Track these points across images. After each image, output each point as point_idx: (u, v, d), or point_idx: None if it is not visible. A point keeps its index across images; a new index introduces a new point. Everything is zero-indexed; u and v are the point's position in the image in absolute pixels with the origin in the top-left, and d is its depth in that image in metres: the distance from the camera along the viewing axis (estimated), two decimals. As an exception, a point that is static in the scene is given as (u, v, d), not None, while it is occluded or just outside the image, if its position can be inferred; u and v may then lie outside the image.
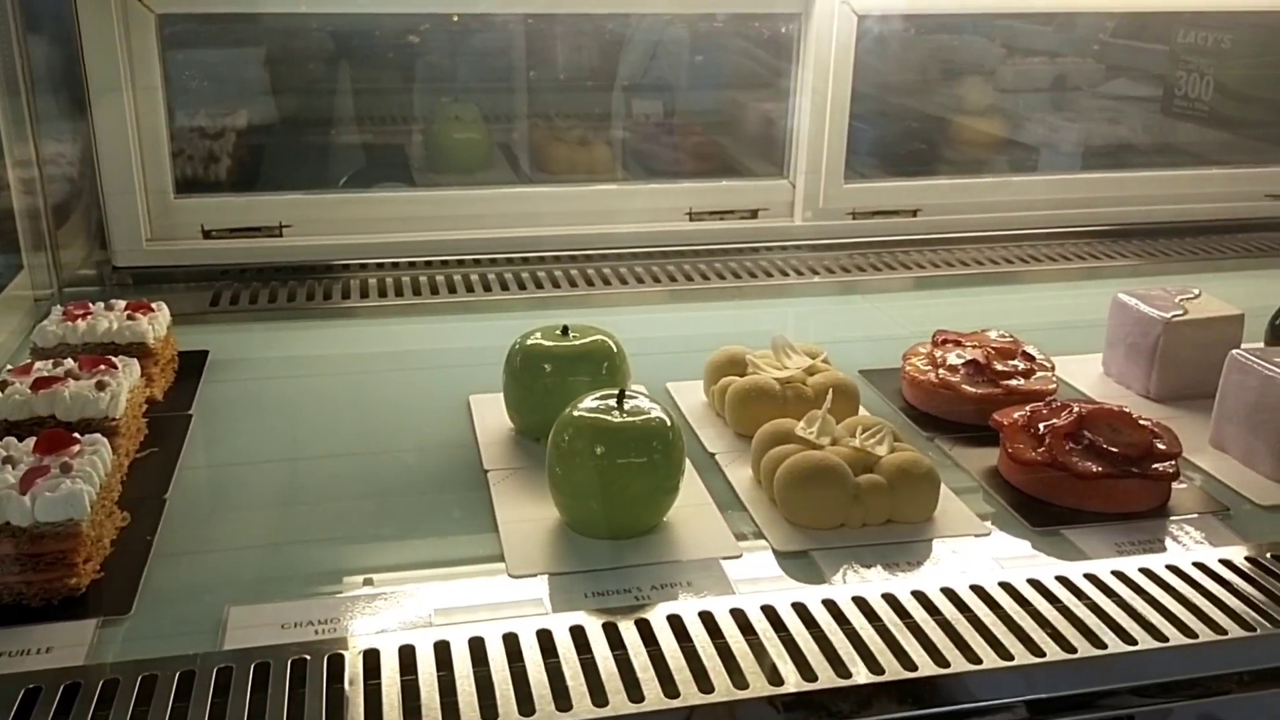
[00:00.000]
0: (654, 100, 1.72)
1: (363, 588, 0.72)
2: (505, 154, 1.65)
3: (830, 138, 1.35)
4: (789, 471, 0.78)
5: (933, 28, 1.71)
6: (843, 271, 1.32)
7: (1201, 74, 1.62)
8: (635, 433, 0.75)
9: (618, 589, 0.71)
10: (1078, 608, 0.67)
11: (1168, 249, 1.44)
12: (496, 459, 0.87)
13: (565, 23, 1.62)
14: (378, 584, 0.72)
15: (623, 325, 1.20)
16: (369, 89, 1.66)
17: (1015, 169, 1.65)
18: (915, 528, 0.79)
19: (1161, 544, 0.77)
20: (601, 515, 0.76)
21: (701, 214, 1.38)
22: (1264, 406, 0.85)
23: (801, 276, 1.31)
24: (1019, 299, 1.31)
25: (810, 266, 1.33)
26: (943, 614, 0.67)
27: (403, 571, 0.74)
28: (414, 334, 1.18)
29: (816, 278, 1.31)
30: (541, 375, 0.89)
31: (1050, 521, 0.80)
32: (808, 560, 0.75)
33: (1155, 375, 0.98)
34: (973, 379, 0.96)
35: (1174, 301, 1.00)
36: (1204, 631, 0.65)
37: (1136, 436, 0.83)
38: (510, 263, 1.32)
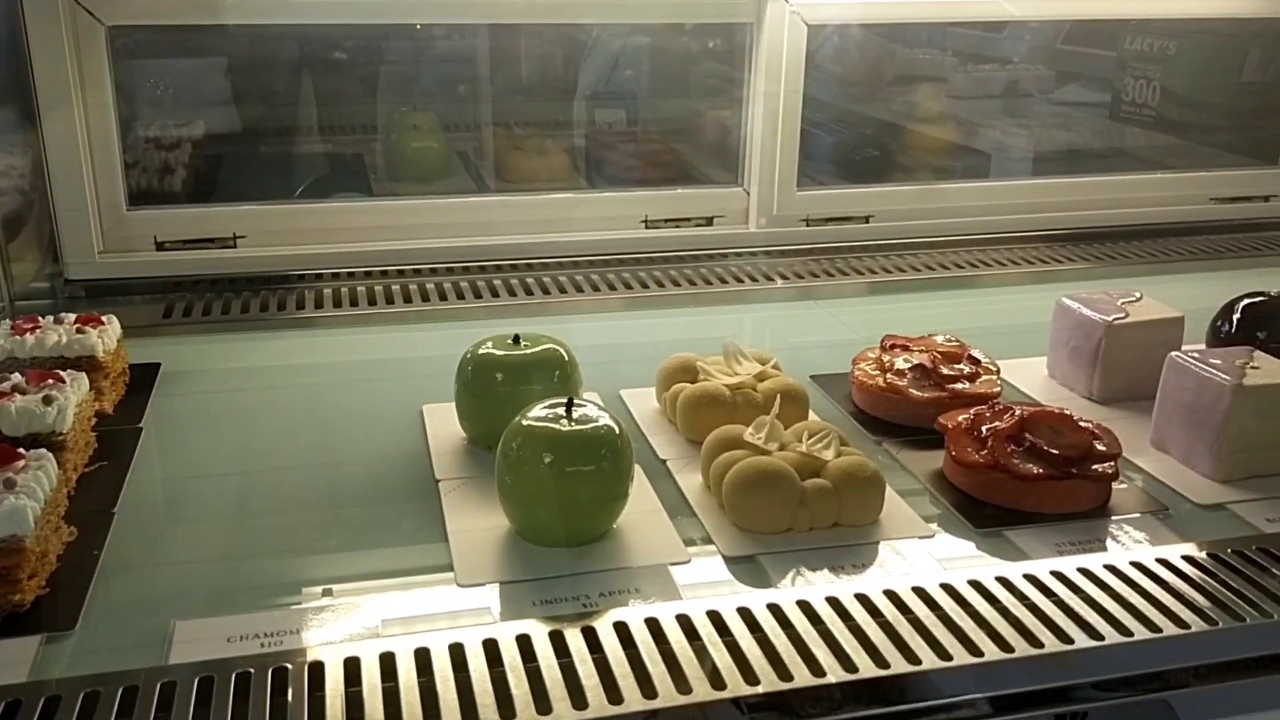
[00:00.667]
0: (613, 109, 1.73)
1: (311, 600, 0.72)
2: (464, 163, 1.65)
3: (783, 146, 1.36)
4: (736, 477, 0.79)
5: (887, 36, 1.74)
6: (796, 278, 1.33)
7: (1148, 80, 1.65)
8: (583, 441, 0.76)
9: (566, 597, 0.72)
10: (1016, 608, 0.69)
11: (1116, 252, 1.46)
12: (448, 468, 0.88)
13: (524, 32, 1.62)
14: (326, 596, 0.72)
15: (579, 333, 1.22)
16: (327, 98, 1.66)
17: (968, 175, 1.67)
18: (861, 530, 0.80)
19: (1101, 544, 0.79)
20: (551, 523, 0.77)
21: (657, 222, 1.39)
22: (1201, 407, 0.87)
23: (756, 283, 1.32)
24: (970, 303, 1.33)
25: (764, 273, 1.34)
26: (885, 616, 0.68)
27: (351, 583, 0.74)
28: (369, 344, 1.18)
29: (771, 284, 1.32)
30: (493, 384, 0.89)
31: (993, 523, 0.82)
32: (755, 565, 0.76)
33: (1097, 377, 1.00)
34: (919, 383, 0.97)
35: (1116, 305, 1.02)
36: (1139, 630, 0.67)
37: (1077, 438, 0.84)
38: (467, 271, 1.32)
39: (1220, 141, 1.66)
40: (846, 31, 1.60)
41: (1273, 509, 0.83)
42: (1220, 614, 0.68)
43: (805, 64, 1.52)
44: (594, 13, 1.36)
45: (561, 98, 1.73)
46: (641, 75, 1.69)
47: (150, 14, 1.23)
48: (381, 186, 1.57)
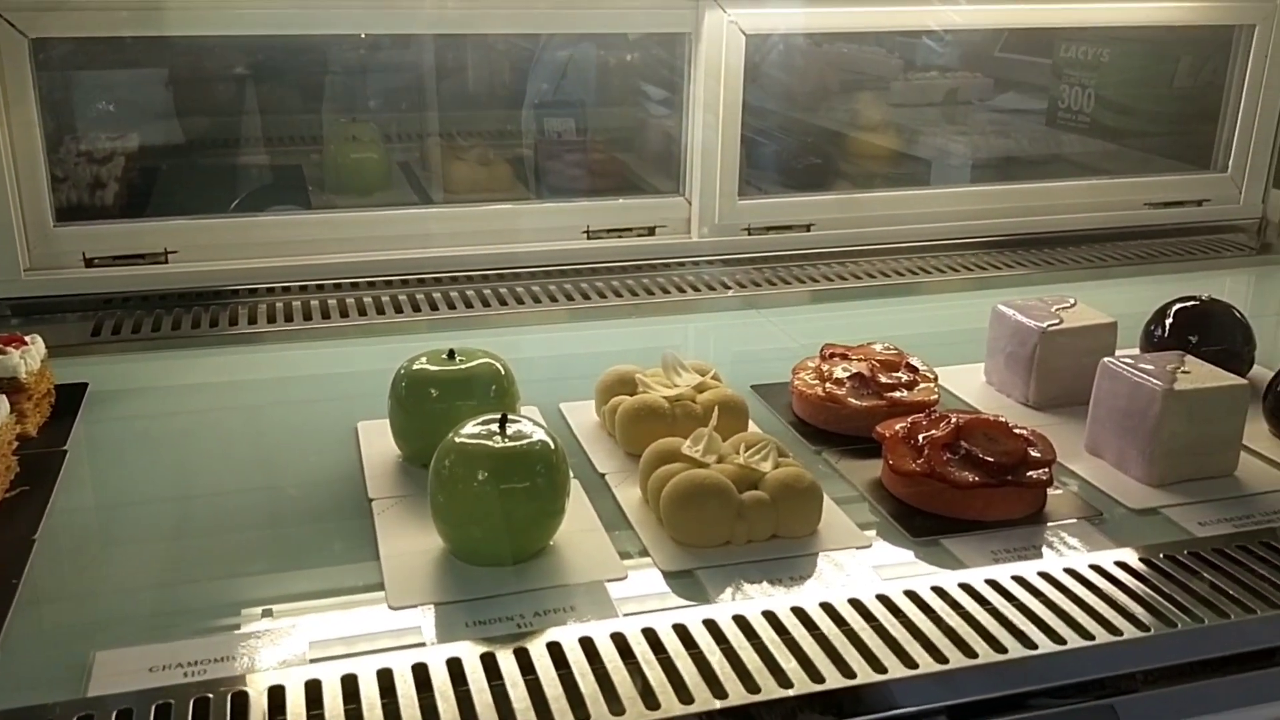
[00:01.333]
0: (556, 118, 1.72)
1: (237, 626, 0.70)
2: (406, 174, 1.64)
3: (723, 155, 1.36)
4: (673, 491, 0.79)
5: (830, 45, 1.75)
6: (738, 287, 1.33)
7: (1083, 87, 1.68)
8: (517, 457, 0.75)
9: (499, 617, 0.70)
10: (951, 617, 0.69)
11: (1054, 258, 1.48)
12: (382, 487, 0.86)
13: (468, 43, 1.61)
14: (252, 622, 0.71)
15: (520, 345, 1.21)
16: (266, 109, 1.63)
17: (909, 182, 1.68)
18: (799, 542, 0.80)
19: (1036, 550, 0.79)
20: (485, 542, 0.75)
21: (599, 232, 1.38)
22: (1133, 412, 0.88)
23: (698, 293, 1.32)
24: (911, 310, 1.33)
25: (706, 282, 1.34)
26: (820, 629, 0.67)
27: (280, 607, 0.72)
28: (306, 360, 1.16)
29: (713, 294, 1.32)
30: (427, 400, 0.88)
31: (930, 531, 0.82)
32: (693, 579, 0.75)
33: (1033, 383, 1.01)
34: (858, 392, 0.97)
35: (1050, 311, 1.03)
36: (1072, 637, 0.67)
37: (1011, 445, 0.85)
38: (405, 284, 1.30)
39: (1154, 147, 1.69)
40: (791, 40, 1.61)
41: (1204, 513, 0.84)
42: (1153, 620, 0.69)
43: (747, 73, 1.53)
44: (533, 23, 1.36)
45: (506, 107, 1.72)
46: (587, 85, 1.69)
47: (75, 27, 1.20)
48: (320, 199, 1.55)
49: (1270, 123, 1.54)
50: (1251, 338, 1.06)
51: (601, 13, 1.33)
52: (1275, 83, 1.52)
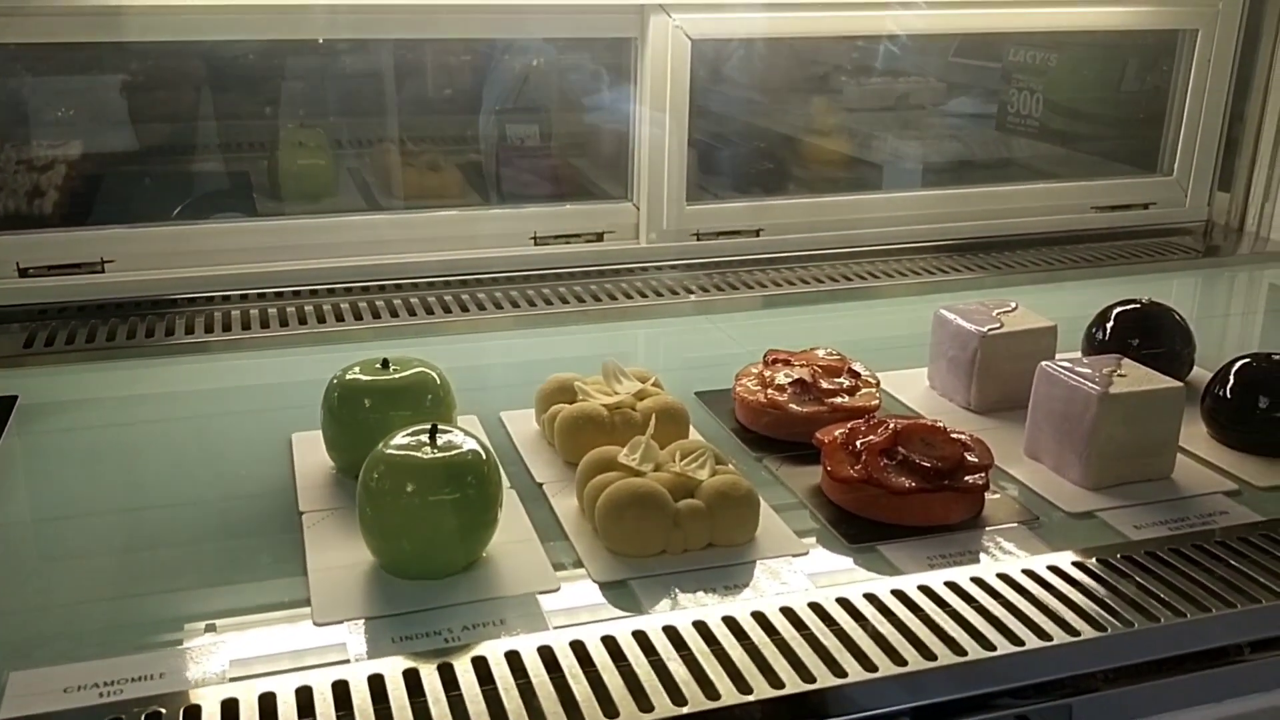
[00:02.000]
0: (509, 123, 1.71)
1: (157, 644, 0.68)
2: (356, 180, 1.62)
3: (670, 160, 1.36)
4: (607, 500, 0.78)
5: (784, 49, 1.74)
6: (685, 293, 1.33)
7: (1031, 91, 1.69)
8: (446, 468, 0.74)
9: (427, 631, 0.69)
10: (883, 625, 0.68)
11: (1003, 261, 1.48)
12: (314, 500, 0.85)
13: (418, 48, 1.60)
14: (174, 640, 0.69)
15: (466, 353, 1.20)
16: (212, 116, 1.61)
17: (862, 187, 1.68)
18: (735, 550, 0.79)
19: (972, 556, 0.79)
20: (415, 555, 0.74)
21: (547, 238, 1.37)
22: (1070, 416, 0.88)
23: (646, 299, 1.31)
24: (860, 315, 1.33)
25: (654, 288, 1.34)
26: (751, 639, 0.67)
27: (202, 624, 0.71)
28: (245, 370, 1.14)
29: (660, 300, 1.31)
30: (360, 411, 0.86)
31: (867, 537, 0.81)
32: (627, 590, 0.74)
33: (974, 388, 1.01)
34: (800, 398, 0.97)
35: (991, 315, 1.03)
36: (1001, 643, 0.67)
37: (948, 450, 0.85)
38: (349, 293, 1.29)
39: (1102, 150, 1.70)
40: (749, 45, 1.60)
41: (1140, 516, 0.84)
42: (1083, 624, 0.68)
43: (703, 78, 1.52)
44: (478, 29, 1.34)
45: (458, 112, 1.70)
46: (541, 90, 1.68)
47: (17, 32, 1.17)
48: (267, 206, 1.53)
49: (1214, 126, 1.56)
50: (1191, 340, 1.07)
51: (546, 18, 1.32)
52: (1218, 87, 1.54)
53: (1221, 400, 0.95)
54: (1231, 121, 1.56)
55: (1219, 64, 1.53)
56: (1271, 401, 0.93)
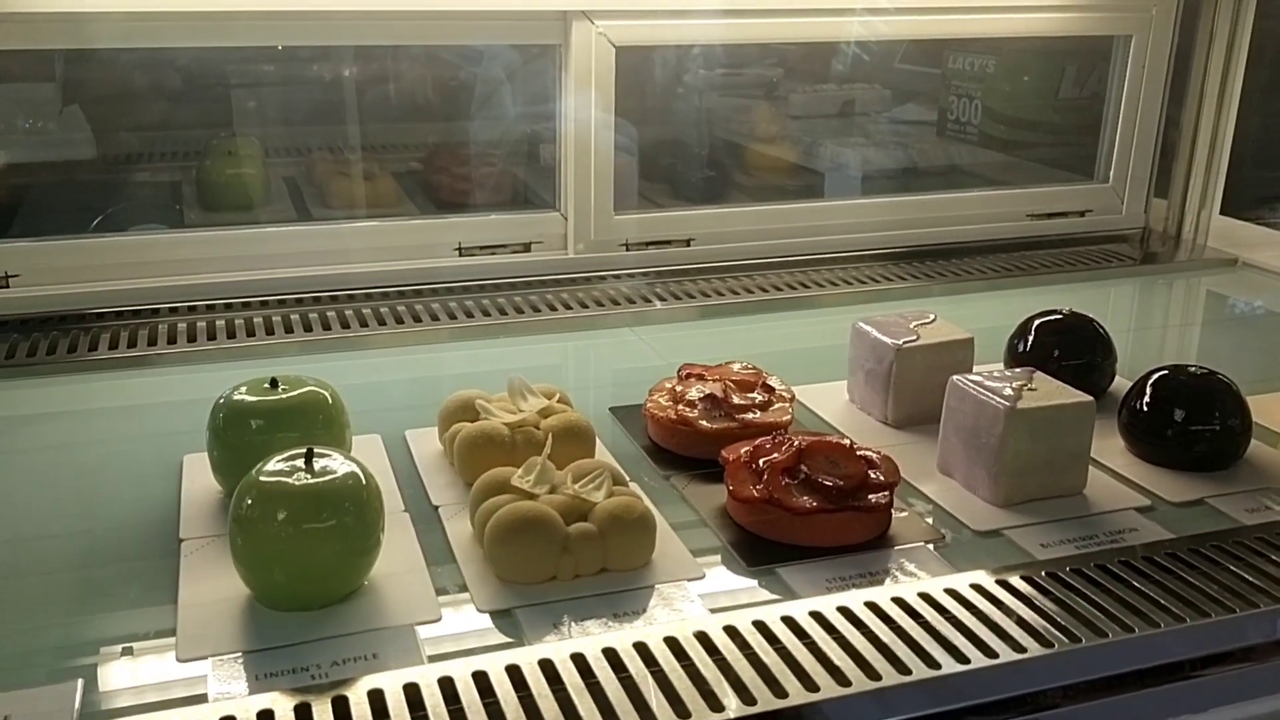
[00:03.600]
0: (445, 131, 1.68)
1: (7, 683, 0.65)
2: (290, 189, 1.59)
3: (597, 169, 1.33)
4: (495, 525, 0.75)
5: (726, 54, 1.72)
6: (612, 304, 1.30)
7: (970, 98, 1.68)
8: (320, 495, 0.71)
9: (295, 667, 0.66)
10: (768, 653, 0.66)
11: (943, 270, 1.46)
12: (196, 527, 0.81)
13: (350, 55, 1.57)
14: (31, 675, 0.66)
15: (383, 367, 1.17)
16: (137, 125, 1.58)
17: (803, 194, 1.67)
18: (630, 575, 0.76)
19: (872, 578, 0.76)
20: (289, 586, 0.71)
21: (472, 249, 1.34)
22: (979, 430, 0.86)
23: (571, 310, 1.28)
24: (790, 326, 1.31)
25: (581, 300, 1.31)
26: (628, 670, 0.64)
27: (63, 659, 0.68)
28: (150, 387, 1.11)
29: (587, 311, 1.28)
30: (246, 433, 0.83)
31: (768, 559, 0.79)
32: (512, 619, 0.72)
33: (891, 401, 0.99)
34: (710, 414, 0.94)
35: (908, 328, 1.01)
36: (889, 672, 0.64)
37: (853, 468, 0.82)
38: (265, 306, 1.26)
39: (1041, 157, 1.69)
40: (688, 51, 1.58)
41: (1047, 534, 0.82)
42: (974, 652, 0.66)
43: (636, 84, 1.50)
44: (401, 35, 1.32)
45: (392, 120, 1.67)
46: (474, 97, 1.65)
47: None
48: (196, 217, 1.50)
49: (1150, 132, 1.55)
50: (1112, 351, 1.05)
51: (468, 24, 1.29)
52: (1153, 93, 1.53)
53: (1137, 413, 0.93)
54: (1167, 128, 1.55)
55: (1153, 70, 1.52)
56: (1187, 415, 0.91)
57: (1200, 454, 0.91)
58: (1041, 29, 1.52)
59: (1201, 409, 0.91)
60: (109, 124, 1.54)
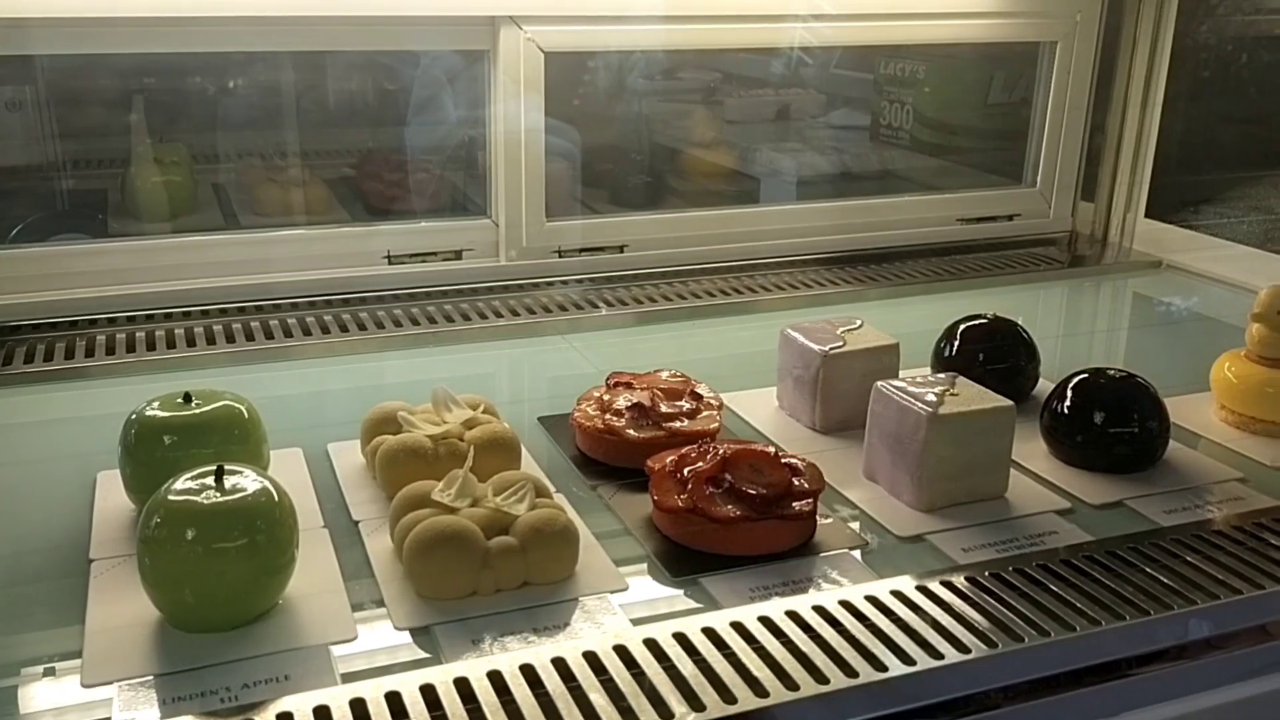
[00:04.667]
0: (377, 137, 1.66)
1: (-100, 716, 0.63)
2: (219, 196, 1.56)
3: (528, 175, 1.33)
4: (413, 541, 0.74)
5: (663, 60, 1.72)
6: (544, 312, 1.29)
7: (901, 104, 1.69)
8: (230, 513, 0.69)
9: (204, 691, 0.65)
10: (685, 665, 0.65)
11: (877, 274, 1.46)
12: (107, 546, 0.79)
13: (280, 60, 1.54)
14: (-79, 710, 0.63)
15: (308, 379, 1.15)
16: (60, 131, 1.54)
17: (739, 200, 1.67)
18: (552, 588, 0.75)
19: (795, 586, 0.76)
20: (198, 607, 0.69)
21: (401, 257, 1.32)
22: (902, 436, 0.87)
23: (503, 319, 1.27)
24: (722, 332, 1.31)
25: (513, 308, 1.30)
26: (544, 687, 0.63)
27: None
28: (66, 402, 1.08)
29: (519, 319, 1.27)
30: (159, 449, 0.81)
31: (692, 569, 0.79)
32: (430, 636, 0.71)
33: (818, 407, 0.99)
34: (637, 423, 0.94)
35: (835, 334, 1.01)
36: (807, 682, 0.64)
37: (777, 476, 0.82)
38: (188, 317, 1.23)
39: (972, 162, 1.71)
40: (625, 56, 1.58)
41: (969, 538, 0.82)
42: (891, 659, 0.66)
43: (570, 89, 1.49)
44: (327, 41, 1.29)
45: (322, 127, 1.65)
46: (407, 103, 1.63)
47: None
48: (121, 225, 1.46)
49: (1076, 137, 1.58)
50: (1035, 354, 1.07)
51: (396, 30, 1.28)
52: (1078, 98, 1.56)
53: (1059, 416, 0.94)
54: (1093, 133, 1.58)
55: (1078, 76, 1.54)
56: (1106, 417, 0.92)
57: (1119, 456, 0.92)
58: (969, 35, 1.53)
59: (1120, 412, 0.92)
60: (29, 130, 1.50)
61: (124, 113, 1.56)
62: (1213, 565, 0.77)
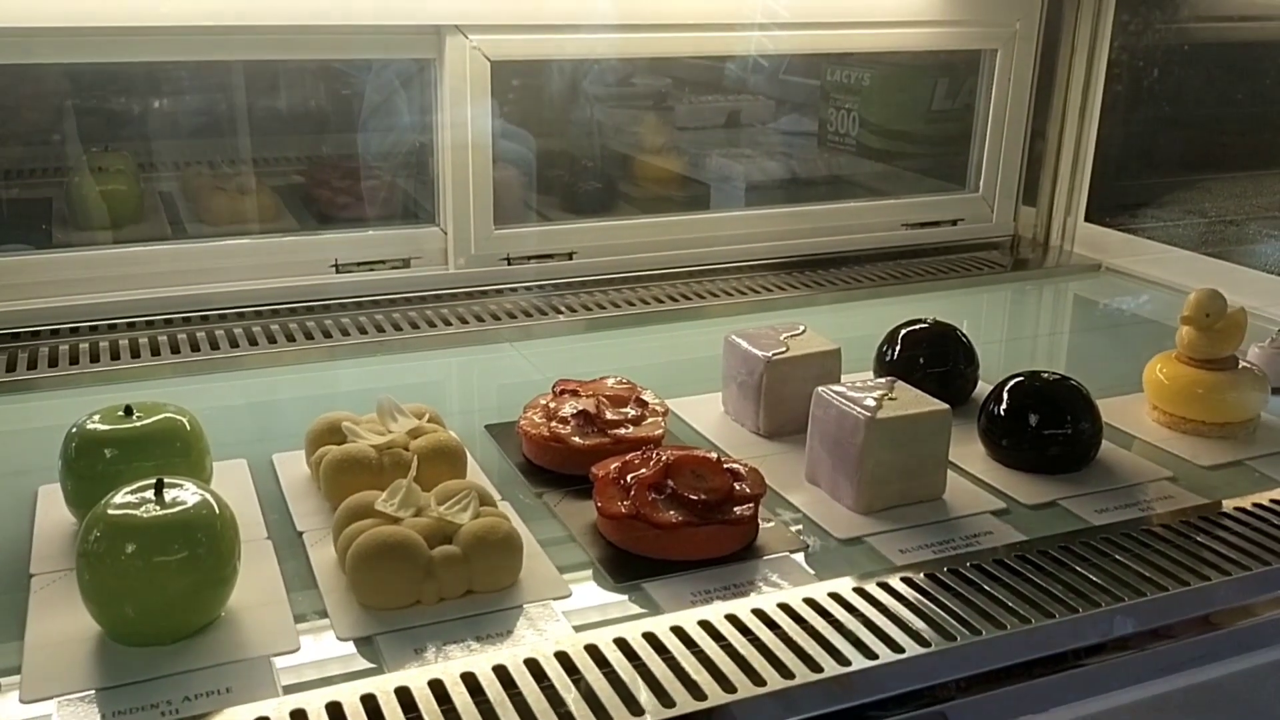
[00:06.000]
0: (326, 144, 1.65)
1: None
2: (166, 205, 1.55)
3: (475, 183, 1.33)
4: (355, 551, 0.74)
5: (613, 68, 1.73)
6: (493, 319, 1.30)
7: (848, 110, 1.71)
8: (169, 526, 0.69)
9: (145, 704, 0.65)
10: (626, 671, 0.66)
11: (825, 279, 1.48)
12: (48, 561, 0.79)
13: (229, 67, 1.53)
14: None
15: (256, 389, 1.15)
16: (3, 140, 1.52)
17: (689, 206, 1.68)
18: (496, 596, 0.76)
19: (736, 589, 0.77)
20: (138, 621, 0.69)
21: (349, 265, 1.32)
22: (841, 440, 0.88)
23: (451, 326, 1.27)
24: (670, 338, 1.32)
25: (461, 316, 1.30)
26: (485, 694, 0.64)
27: (-109, 710, 0.65)
28: (15, 414, 1.07)
29: (468, 327, 1.28)
30: (99, 463, 0.81)
31: (635, 575, 0.79)
32: (373, 646, 0.71)
33: (762, 412, 1.01)
34: (582, 430, 0.95)
35: (778, 339, 1.03)
36: (744, 684, 0.65)
37: (718, 481, 0.84)
38: (133, 328, 1.22)
39: (917, 168, 1.73)
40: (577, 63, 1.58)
41: (906, 539, 0.84)
42: (826, 659, 0.68)
43: (521, 96, 1.50)
44: (271, 49, 1.29)
45: (271, 134, 1.64)
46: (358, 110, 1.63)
47: None
48: (66, 236, 1.45)
49: (1017, 143, 1.61)
50: (974, 358, 1.09)
51: (342, 39, 1.28)
52: (1019, 105, 1.59)
53: (995, 419, 0.97)
54: (1033, 139, 1.61)
55: (1018, 83, 1.57)
56: (1041, 419, 0.95)
57: (1054, 457, 0.94)
58: (911, 44, 1.56)
59: (1053, 413, 0.95)
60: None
61: (68, 121, 1.55)
62: (1139, 563, 0.79)
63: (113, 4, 1.16)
